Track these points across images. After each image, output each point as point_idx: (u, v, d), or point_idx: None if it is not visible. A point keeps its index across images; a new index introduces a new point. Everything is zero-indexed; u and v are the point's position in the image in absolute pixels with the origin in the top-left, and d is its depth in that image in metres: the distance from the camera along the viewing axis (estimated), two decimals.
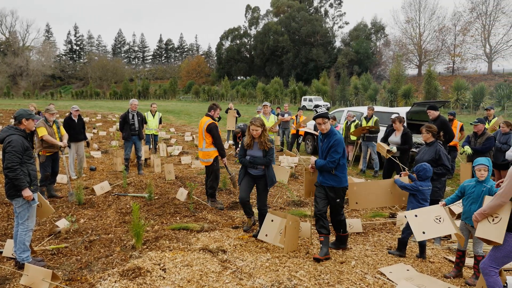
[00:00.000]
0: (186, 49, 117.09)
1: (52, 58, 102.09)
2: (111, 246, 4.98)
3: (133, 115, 9.34)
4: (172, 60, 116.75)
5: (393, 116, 7.88)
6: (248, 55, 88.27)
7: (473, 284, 3.98)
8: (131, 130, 9.25)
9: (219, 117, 6.93)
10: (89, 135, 14.84)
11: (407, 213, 4.17)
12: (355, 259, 4.64)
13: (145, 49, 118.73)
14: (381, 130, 9.58)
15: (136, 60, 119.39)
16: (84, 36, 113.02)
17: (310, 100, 44.04)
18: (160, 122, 11.56)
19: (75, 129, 8.85)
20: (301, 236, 5.25)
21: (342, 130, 10.76)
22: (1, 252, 4.74)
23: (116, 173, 9.57)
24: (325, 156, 4.62)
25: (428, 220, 3.97)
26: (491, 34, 56.46)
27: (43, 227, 5.71)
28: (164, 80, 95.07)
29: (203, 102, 62.28)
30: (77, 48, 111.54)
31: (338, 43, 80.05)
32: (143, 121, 9.98)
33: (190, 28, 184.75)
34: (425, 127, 5.23)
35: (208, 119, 6.54)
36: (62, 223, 5.57)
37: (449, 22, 61.65)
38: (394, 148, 7.09)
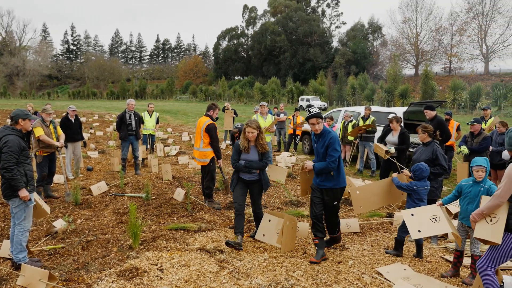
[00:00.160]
0: (183, 49, 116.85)
1: (49, 58, 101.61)
2: (108, 247, 4.96)
3: (130, 115, 9.31)
4: (169, 60, 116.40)
5: (390, 116, 7.90)
6: (246, 55, 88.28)
7: (470, 284, 4.00)
8: (128, 130, 9.23)
9: (217, 117, 6.94)
10: (86, 135, 14.81)
11: (403, 212, 4.18)
12: (353, 259, 4.65)
13: (142, 49, 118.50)
14: (378, 130, 9.61)
15: (133, 60, 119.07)
16: (81, 36, 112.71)
17: (308, 100, 43.95)
18: (157, 122, 11.55)
19: (72, 129, 8.84)
20: (299, 236, 5.26)
21: (340, 130, 10.80)
22: None
23: (113, 173, 9.55)
24: (323, 156, 4.59)
25: (424, 219, 3.99)
26: (488, 34, 56.74)
27: (40, 228, 5.69)
28: (161, 80, 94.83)
29: (201, 102, 62.22)
30: (74, 48, 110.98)
31: (335, 43, 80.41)
32: (140, 121, 9.96)
33: (188, 28, 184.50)
34: (421, 127, 5.24)
35: (208, 119, 6.54)
36: (59, 224, 5.57)
37: (446, 22, 61.99)
38: (392, 149, 7.12)
